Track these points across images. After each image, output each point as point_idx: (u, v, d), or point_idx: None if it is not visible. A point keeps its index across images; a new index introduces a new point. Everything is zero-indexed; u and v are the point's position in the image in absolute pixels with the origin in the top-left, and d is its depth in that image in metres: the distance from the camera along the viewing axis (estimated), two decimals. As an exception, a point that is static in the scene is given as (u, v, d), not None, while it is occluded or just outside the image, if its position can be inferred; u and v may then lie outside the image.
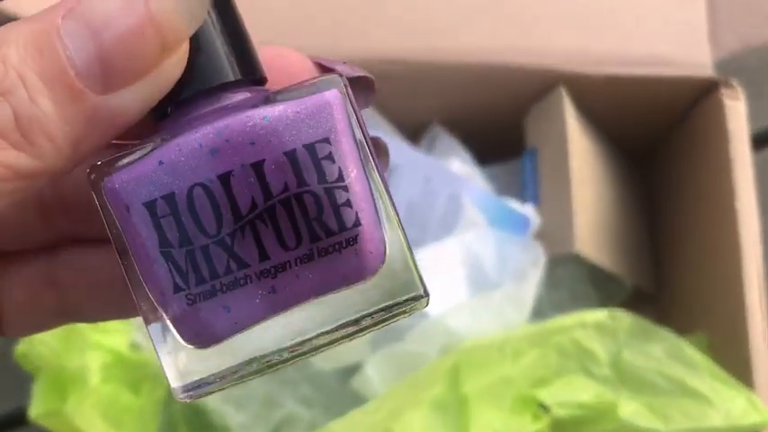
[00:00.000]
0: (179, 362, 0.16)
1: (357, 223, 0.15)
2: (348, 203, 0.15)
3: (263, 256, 0.15)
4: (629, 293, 0.50)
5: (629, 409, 0.39)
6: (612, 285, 0.49)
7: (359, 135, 0.16)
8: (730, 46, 0.45)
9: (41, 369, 0.39)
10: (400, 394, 0.37)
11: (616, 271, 0.47)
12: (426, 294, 0.16)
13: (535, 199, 0.45)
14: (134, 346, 0.41)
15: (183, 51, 0.15)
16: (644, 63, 0.45)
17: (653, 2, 0.45)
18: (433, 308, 0.39)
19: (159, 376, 0.41)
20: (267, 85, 0.17)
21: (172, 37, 0.14)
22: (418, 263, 0.37)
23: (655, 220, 0.53)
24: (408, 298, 0.16)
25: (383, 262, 0.16)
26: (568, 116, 0.44)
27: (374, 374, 0.38)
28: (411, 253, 0.16)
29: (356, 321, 0.16)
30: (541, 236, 0.44)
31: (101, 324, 0.40)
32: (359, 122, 0.16)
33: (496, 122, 0.48)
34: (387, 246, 0.16)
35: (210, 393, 0.16)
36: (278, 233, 0.15)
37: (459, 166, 0.47)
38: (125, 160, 0.15)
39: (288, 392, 0.41)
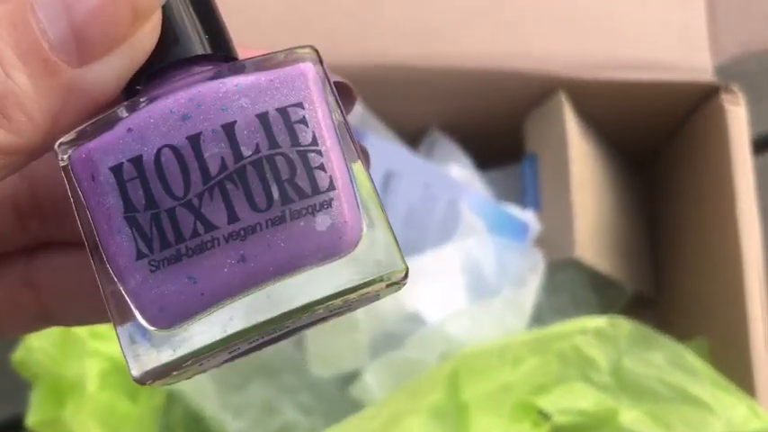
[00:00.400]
0: (140, 348, 0.15)
1: (331, 187, 0.15)
2: (322, 167, 0.15)
3: (233, 217, 0.14)
4: (630, 298, 0.50)
5: (630, 416, 0.39)
6: (613, 290, 0.49)
7: (335, 111, 0.15)
8: (730, 51, 0.44)
9: (39, 376, 0.39)
10: (399, 400, 0.37)
11: (616, 276, 0.47)
12: (407, 272, 0.15)
13: (535, 204, 0.45)
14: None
15: (155, 20, 0.15)
16: (644, 68, 0.44)
17: (652, 7, 0.45)
18: (433, 314, 0.39)
19: (157, 383, 0.41)
20: None
21: (143, 6, 0.14)
22: (418, 269, 0.37)
23: (655, 224, 0.53)
24: (389, 277, 0.15)
25: (360, 236, 0.15)
26: (568, 121, 0.44)
27: (373, 382, 0.38)
28: (391, 230, 0.16)
29: (331, 299, 0.15)
30: (542, 241, 0.44)
31: (98, 331, 0.40)
32: (334, 96, 0.16)
33: (496, 127, 0.48)
34: (363, 221, 0.15)
35: (175, 381, 0.16)
36: (248, 194, 0.14)
37: (459, 171, 0.46)
38: (93, 131, 0.15)
39: (287, 399, 0.41)
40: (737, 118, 0.43)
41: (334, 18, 0.45)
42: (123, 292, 0.15)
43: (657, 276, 0.52)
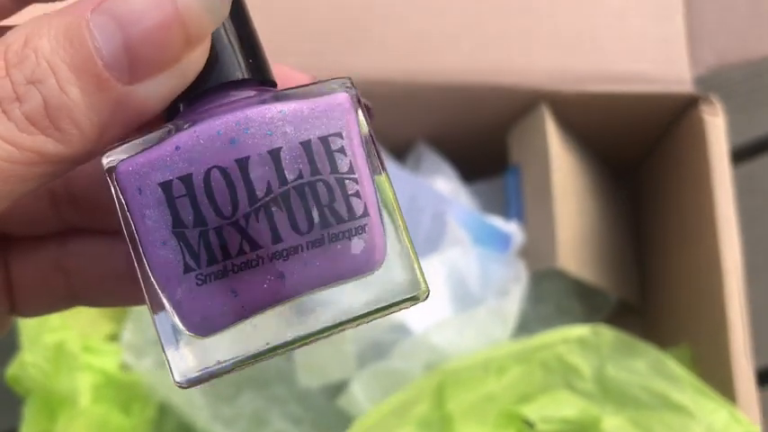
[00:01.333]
0: (182, 353, 0.16)
1: (365, 213, 0.16)
2: (357, 194, 0.16)
3: (276, 238, 0.15)
4: (615, 306, 0.51)
5: (613, 423, 0.39)
6: (598, 299, 0.50)
7: (366, 136, 0.17)
8: (708, 63, 0.45)
9: (32, 391, 0.40)
10: (386, 414, 0.38)
11: (600, 285, 0.47)
12: (428, 290, 0.17)
13: (519, 215, 0.46)
14: (124, 367, 0.41)
15: (205, 45, 0.16)
16: (624, 80, 0.45)
17: (632, 20, 0.46)
18: (418, 324, 0.39)
19: (150, 396, 0.42)
20: None
21: (196, 31, 0.15)
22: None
23: (639, 233, 0.54)
24: (409, 296, 0.17)
25: (385, 254, 0.16)
26: (550, 133, 0.45)
27: (360, 392, 0.38)
28: (413, 250, 0.17)
29: (362, 318, 0.16)
30: (525, 251, 0.45)
31: (91, 346, 0.41)
32: (366, 123, 0.17)
33: (480, 140, 0.49)
34: (387, 241, 0.16)
35: (207, 383, 0.17)
36: (291, 217, 0.15)
37: (445, 183, 0.47)
38: (140, 146, 0.16)
39: (276, 410, 0.42)
40: (716, 128, 0.44)
41: (321, 36, 0.45)
42: (164, 299, 0.16)
43: (642, 284, 0.53)
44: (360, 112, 0.17)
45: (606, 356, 0.41)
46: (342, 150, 0.16)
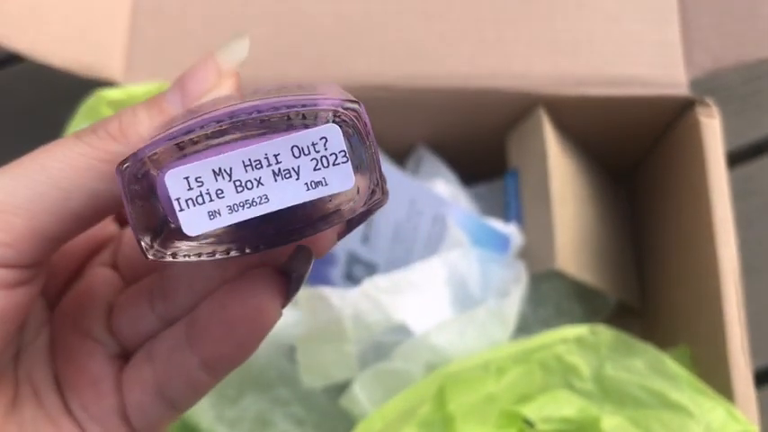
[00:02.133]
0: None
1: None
2: None
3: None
4: (615, 308, 0.51)
5: (612, 422, 0.40)
6: (597, 300, 0.50)
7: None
8: (704, 66, 0.46)
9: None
10: (389, 416, 0.38)
11: (599, 286, 0.48)
12: (386, 195, 0.19)
13: (518, 217, 0.47)
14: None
15: (235, 78, 0.22)
16: (621, 84, 0.46)
17: (628, 25, 0.46)
18: (419, 325, 0.40)
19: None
20: None
21: (225, 67, 0.21)
22: (405, 281, 0.38)
23: (638, 235, 0.54)
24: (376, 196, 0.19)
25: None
26: (547, 136, 0.45)
27: (361, 393, 0.39)
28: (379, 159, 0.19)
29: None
30: (524, 254, 0.45)
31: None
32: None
33: (480, 143, 0.50)
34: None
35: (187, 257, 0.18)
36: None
37: (444, 186, 0.48)
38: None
39: (280, 412, 0.42)
40: (712, 130, 0.45)
41: (321, 42, 0.46)
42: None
43: (642, 285, 0.53)
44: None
45: (605, 356, 0.41)
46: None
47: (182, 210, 0.17)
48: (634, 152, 0.52)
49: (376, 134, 0.51)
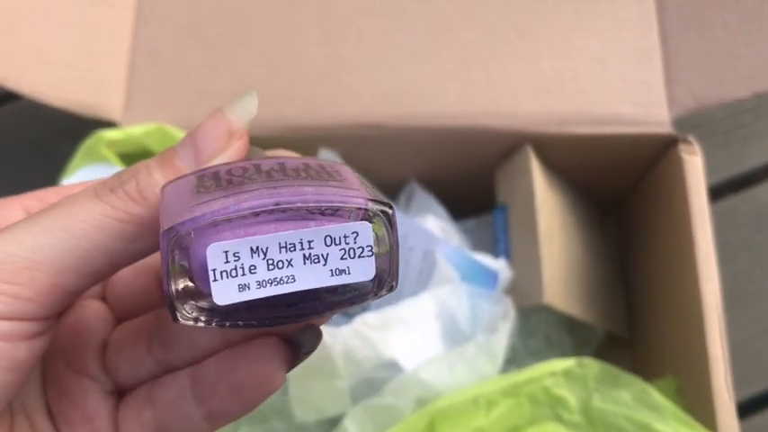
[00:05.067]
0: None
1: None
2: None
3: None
4: (604, 339, 0.52)
5: (600, 454, 0.41)
6: (586, 331, 0.51)
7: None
8: (686, 104, 0.47)
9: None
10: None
11: (587, 319, 0.49)
12: (396, 283, 0.20)
13: (506, 252, 0.48)
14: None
15: (245, 138, 0.22)
16: (606, 122, 0.47)
17: (612, 65, 0.48)
18: (409, 361, 0.41)
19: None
20: None
21: (236, 127, 0.21)
22: (395, 318, 0.39)
23: (625, 268, 0.55)
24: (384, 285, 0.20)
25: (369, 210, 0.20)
26: (534, 173, 0.47)
27: (353, 427, 0.40)
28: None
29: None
30: (513, 288, 0.46)
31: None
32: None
33: (469, 180, 0.51)
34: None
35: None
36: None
37: (435, 221, 0.49)
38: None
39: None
40: (694, 167, 0.46)
41: (314, 82, 0.48)
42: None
43: (630, 317, 0.54)
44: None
45: (592, 388, 0.42)
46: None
47: (215, 280, 0.18)
48: (619, 188, 0.53)
49: (368, 170, 0.53)
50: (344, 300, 0.20)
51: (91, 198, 0.20)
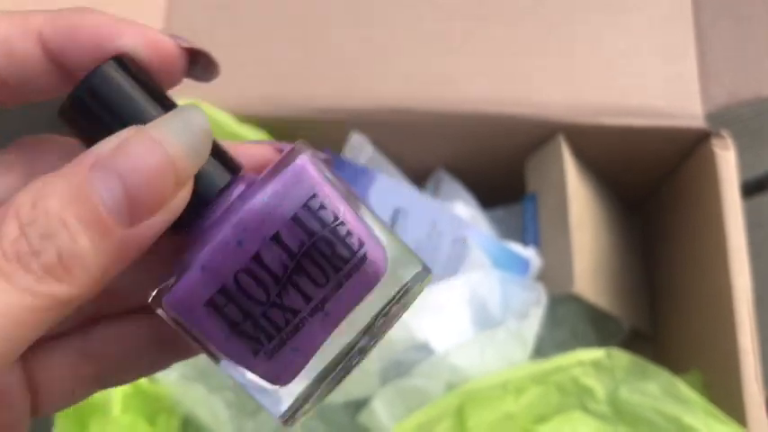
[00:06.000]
0: (268, 398, 0.19)
1: (362, 243, 0.19)
2: (349, 233, 0.19)
3: (307, 298, 0.19)
4: (628, 334, 0.52)
5: (627, 444, 0.40)
6: (611, 325, 0.51)
7: (331, 178, 0.19)
8: (720, 99, 0.47)
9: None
10: None
11: (613, 312, 0.49)
12: (427, 269, 0.19)
13: (536, 241, 0.48)
14: (152, 379, 0.43)
15: (190, 184, 0.18)
16: (639, 114, 0.47)
17: (647, 57, 0.48)
18: (440, 344, 0.41)
19: (174, 408, 0.43)
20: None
21: (184, 173, 0.17)
22: (428, 301, 0.39)
23: (651, 263, 0.55)
24: (414, 276, 0.19)
25: (387, 261, 0.19)
26: (567, 163, 0.47)
27: (381, 409, 0.39)
28: (402, 242, 0.20)
29: (384, 307, 0.19)
30: (542, 277, 0.46)
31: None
32: (327, 169, 0.19)
33: (499, 168, 0.51)
34: (386, 249, 0.19)
35: (306, 413, 0.20)
36: (311, 278, 0.19)
37: (464, 209, 0.49)
38: (173, 279, 0.18)
39: (298, 425, 0.43)
40: (727, 162, 0.46)
41: (349, 67, 0.48)
42: (247, 371, 0.19)
43: (654, 312, 0.54)
44: (318, 162, 0.19)
45: (620, 379, 0.42)
46: (322, 206, 0.18)
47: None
48: (649, 181, 0.53)
49: (398, 156, 0.52)
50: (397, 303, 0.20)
51: (2, 284, 0.16)
